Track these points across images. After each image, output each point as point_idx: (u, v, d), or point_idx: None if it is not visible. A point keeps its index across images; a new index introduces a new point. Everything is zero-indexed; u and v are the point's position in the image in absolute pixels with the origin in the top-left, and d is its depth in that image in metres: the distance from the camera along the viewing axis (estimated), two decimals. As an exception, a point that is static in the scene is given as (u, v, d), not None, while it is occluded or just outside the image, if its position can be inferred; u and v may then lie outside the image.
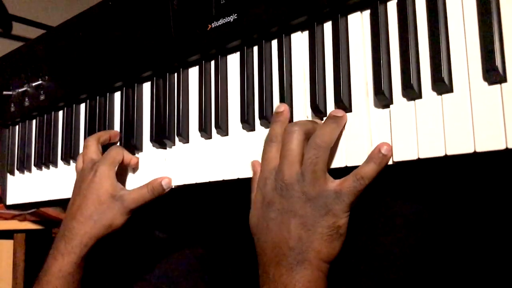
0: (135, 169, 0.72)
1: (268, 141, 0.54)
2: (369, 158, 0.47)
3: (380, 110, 0.49)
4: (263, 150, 0.54)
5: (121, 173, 0.71)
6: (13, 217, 1.12)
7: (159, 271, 0.79)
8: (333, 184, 0.48)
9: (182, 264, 0.81)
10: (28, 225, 1.13)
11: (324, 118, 0.52)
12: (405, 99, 0.48)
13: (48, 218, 1.18)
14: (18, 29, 1.46)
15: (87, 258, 0.63)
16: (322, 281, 0.48)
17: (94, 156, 0.68)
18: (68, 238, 0.62)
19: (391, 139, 0.48)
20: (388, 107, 0.49)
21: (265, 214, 0.51)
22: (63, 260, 0.61)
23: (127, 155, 0.69)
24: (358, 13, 0.53)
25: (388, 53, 0.49)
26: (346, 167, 0.50)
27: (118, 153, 0.67)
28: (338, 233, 0.48)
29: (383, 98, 0.49)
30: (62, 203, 1.01)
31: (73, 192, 0.67)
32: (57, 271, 0.61)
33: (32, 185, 0.93)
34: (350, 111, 0.52)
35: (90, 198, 0.62)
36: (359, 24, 0.52)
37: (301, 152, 0.50)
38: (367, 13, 0.52)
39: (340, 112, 0.50)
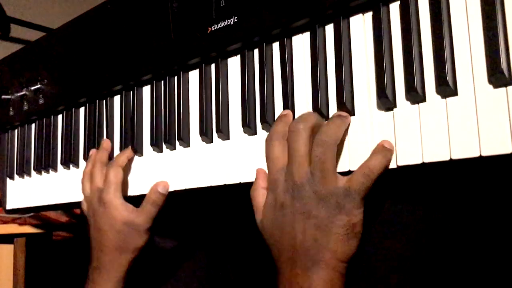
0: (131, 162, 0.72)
1: (269, 139, 0.53)
2: (374, 152, 0.47)
3: (383, 113, 0.49)
4: (266, 150, 0.53)
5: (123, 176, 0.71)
6: (13, 220, 1.12)
7: (158, 274, 0.79)
8: (342, 181, 0.47)
9: (183, 268, 0.81)
10: (28, 229, 1.12)
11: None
12: (409, 103, 0.47)
13: (48, 221, 1.17)
14: (16, 31, 1.46)
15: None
16: (339, 281, 0.48)
17: (100, 185, 0.69)
18: (101, 270, 0.66)
19: (395, 143, 0.47)
20: (392, 110, 0.48)
21: (278, 217, 0.50)
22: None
23: (123, 160, 0.70)
24: (360, 15, 0.52)
25: (391, 56, 0.49)
26: (350, 171, 0.50)
27: (117, 174, 0.68)
28: (353, 231, 0.47)
29: (386, 102, 0.48)
30: (62, 208, 1.00)
31: (90, 223, 0.70)
32: None
33: (31, 190, 0.92)
34: (353, 114, 0.51)
35: (108, 230, 0.65)
36: (361, 26, 0.52)
37: (308, 151, 0.49)
38: (369, 15, 0.51)
39: (344, 113, 0.50)
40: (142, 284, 0.77)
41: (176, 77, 0.69)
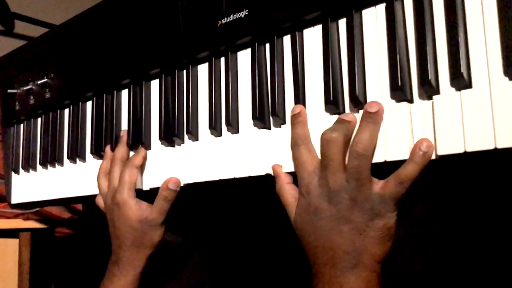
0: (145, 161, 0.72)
1: (295, 145, 0.53)
2: (409, 158, 0.46)
3: (398, 105, 0.48)
4: (293, 156, 0.53)
5: None
6: (16, 216, 1.12)
7: (162, 270, 0.79)
8: (377, 187, 0.48)
9: (187, 264, 0.80)
10: (32, 224, 1.12)
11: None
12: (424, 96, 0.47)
13: (51, 217, 1.17)
14: (20, 27, 1.46)
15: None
16: (376, 281, 0.49)
17: (115, 183, 0.70)
18: (120, 265, 0.68)
19: (412, 136, 0.47)
20: (409, 101, 0.48)
21: (313, 221, 0.51)
22: (120, 281, 0.68)
23: (139, 160, 0.70)
24: (373, 8, 0.52)
25: (406, 49, 0.49)
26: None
27: (132, 174, 0.69)
28: (389, 234, 0.48)
29: (399, 95, 0.48)
30: (67, 202, 1.00)
31: (108, 220, 0.71)
32: None
33: (37, 184, 0.92)
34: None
35: (124, 229, 0.68)
36: (374, 19, 0.51)
37: (343, 159, 0.49)
38: (382, 8, 0.51)
39: (374, 107, 0.48)
40: (146, 280, 0.77)
41: (185, 71, 0.69)
